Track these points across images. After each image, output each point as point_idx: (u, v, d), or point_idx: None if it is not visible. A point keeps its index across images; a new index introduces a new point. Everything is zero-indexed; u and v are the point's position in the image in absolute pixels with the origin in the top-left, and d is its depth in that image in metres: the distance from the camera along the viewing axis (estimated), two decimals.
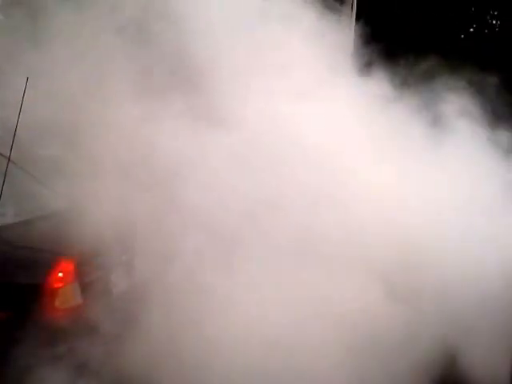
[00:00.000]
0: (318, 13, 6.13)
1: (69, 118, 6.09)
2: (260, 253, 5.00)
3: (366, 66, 6.41)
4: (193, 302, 5.08)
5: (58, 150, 7.96)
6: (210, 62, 5.69)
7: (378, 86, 6.07)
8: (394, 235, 5.10)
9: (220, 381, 4.46)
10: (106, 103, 5.61)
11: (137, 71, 5.50)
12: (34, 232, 4.26)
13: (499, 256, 5.21)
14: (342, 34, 6.76)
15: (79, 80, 5.97)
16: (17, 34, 6.59)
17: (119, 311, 4.53)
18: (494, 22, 15.83)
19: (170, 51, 5.69)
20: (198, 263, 5.11)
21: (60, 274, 3.79)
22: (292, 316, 4.75)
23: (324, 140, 5.48)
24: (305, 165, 5.44)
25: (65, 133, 6.34)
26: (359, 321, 4.84)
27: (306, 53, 5.97)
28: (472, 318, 5.00)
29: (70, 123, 5.97)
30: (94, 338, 3.99)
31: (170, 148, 5.23)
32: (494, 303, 5.05)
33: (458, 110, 6.18)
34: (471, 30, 14.55)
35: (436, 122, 6.16)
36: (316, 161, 5.45)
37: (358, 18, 9.55)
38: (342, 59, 6.37)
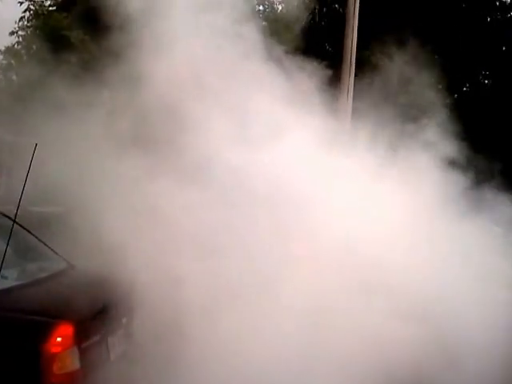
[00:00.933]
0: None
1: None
2: None
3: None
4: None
5: (59, 207, 8.15)
6: None
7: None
8: None
9: None
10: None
11: None
12: (34, 295, 4.27)
13: None
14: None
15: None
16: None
17: (116, 375, 4.53)
18: None
19: None
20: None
21: (58, 339, 3.78)
22: None
23: None
24: None
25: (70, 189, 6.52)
26: None
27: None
28: None
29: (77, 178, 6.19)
30: None
31: None
32: None
33: None
34: None
35: None
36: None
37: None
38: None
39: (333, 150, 6.61)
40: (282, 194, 6.08)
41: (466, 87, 15.92)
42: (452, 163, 7.18)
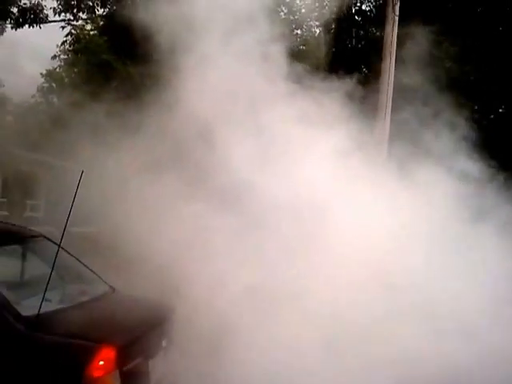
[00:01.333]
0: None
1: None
2: None
3: None
4: None
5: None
6: None
7: None
8: None
9: None
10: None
11: None
12: (77, 318, 4.32)
13: None
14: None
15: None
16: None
17: None
18: None
19: None
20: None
21: (101, 363, 3.83)
22: None
23: None
24: None
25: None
26: None
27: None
28: None
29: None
30: None
31: None
32: None
33: None
34: None
35: None
36: None
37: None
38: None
39: (370, 172, 6.62)
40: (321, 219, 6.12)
41: (502, 108, 15.74)
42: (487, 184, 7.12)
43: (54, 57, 16.17)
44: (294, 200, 6.18)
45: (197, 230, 6.09)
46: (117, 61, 12.25)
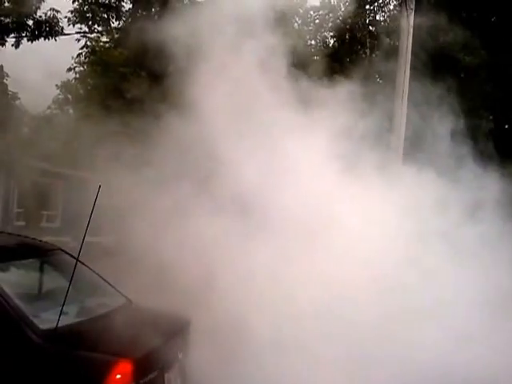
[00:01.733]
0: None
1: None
2: None
3: None
4: None
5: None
6: None
7: None
8: None
9: None
10: None
11: None
12: (94, 331, 4.35)
13: None
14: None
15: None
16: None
17: None
18: None
19: None
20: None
21: (118, 376, 3.84)
22: None
23: None
24: None
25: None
26: None
27: None
28: None
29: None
30: None
31: None
32: None
33: None
34: None
35: None
36: None
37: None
38: None
39: (384, 182, 6.63)
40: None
41: None
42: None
43: (70, 69, 16.30)
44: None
45: (208, 238, 6.13)
46: (132, 73, 12.33)
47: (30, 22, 14.00)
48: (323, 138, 6.65)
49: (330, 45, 15.73)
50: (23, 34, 14.11)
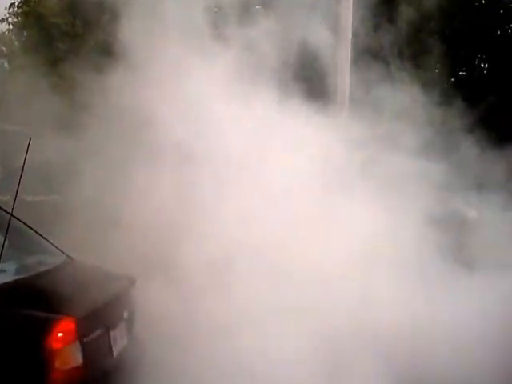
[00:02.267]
0: None
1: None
2: None
3: None
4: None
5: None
6: None
7: None
8: None
9: None
10: None
11: None
12: (34, 289, 4.17)
13: None
14: None
15: None
16: None
17: (119, 370, 4.46)
18: None
19: None
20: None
21: (60, 334, 3.69)
22: None
23: None
24: None
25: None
26: None
27: None
28: None
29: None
30: None
31: None
32: None
33: None
34: None
35: None
36: None
37: None
38: None
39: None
40: None
41: (463, 71, 15.78)
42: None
43: (3, 20, 15.55)
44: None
45: (156, 196, 5.98)
46: (67, 24, 11.84)
47: None
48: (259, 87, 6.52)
49: None
50: None
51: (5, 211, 4.50)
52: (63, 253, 5.09)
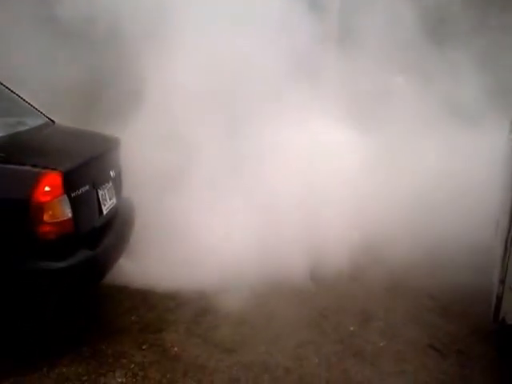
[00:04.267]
0: None
1: None
2: None
3: None
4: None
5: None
6: None
7: None
8: None
9: None
10: None
11: None
12: (17, 146, 4.05)
13: None
14: None
15: None
16: None
17: (108, 228, 4.45)
18: None
19: None
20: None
21: (47, 189, 3.61)
22: None
23: None
24: None
25: None
26: None
27: None
28: None
29: None
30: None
31: None
32: None
33: None
34: None
35: None
36: None
37: None
38: None
39: None
40: None
41: None
42: None
43: None
44: None
45: None
46: None
47: None
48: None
49: None
50: None
51: None
52: (45, 116, 4.93)
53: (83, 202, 3.98)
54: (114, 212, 4.65)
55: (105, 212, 4.38)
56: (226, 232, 5.51)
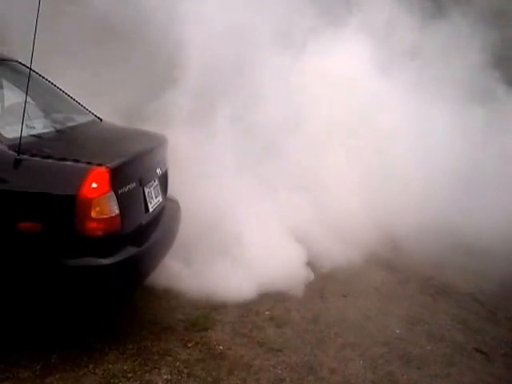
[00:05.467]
0: None
1: None
2: None
3: None
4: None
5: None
6: None
7: None
8: None
9: None
10: None
11: None
12: (65, 142, 4.07)
13: None
14: None
15: None
16: None
17: (154, 226, 4.43)
18: None
19: None
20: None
21: (94, 185, 3.60)
22: None
23: None
24: None
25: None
26: None
27: None
28: None
29: None
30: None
31: None
32: None
33: None
34: None
35: None
36: None
37: None
38: None
39: None
40: None
41: None
42: None
43: None
44: None
45: None
46: None
47: None
48: None
49: None
50: None
51: (25, 66, 4.31)
52: (92, 113, 4.95)
53: (130, 199, 3.96)
54: (161, 210, 4.63)
55: (151, 209, 4.36)
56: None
